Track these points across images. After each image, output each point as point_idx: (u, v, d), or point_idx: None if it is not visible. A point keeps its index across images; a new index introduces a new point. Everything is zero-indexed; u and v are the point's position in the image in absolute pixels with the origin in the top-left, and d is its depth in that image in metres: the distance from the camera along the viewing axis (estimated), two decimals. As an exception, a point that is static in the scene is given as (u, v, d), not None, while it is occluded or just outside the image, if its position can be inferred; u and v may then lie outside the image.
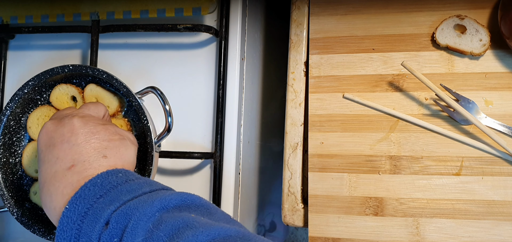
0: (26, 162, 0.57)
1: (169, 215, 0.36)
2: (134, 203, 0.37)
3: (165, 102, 0.52)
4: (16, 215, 0.53)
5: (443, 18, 0.57)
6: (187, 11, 0.57)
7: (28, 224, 0.53)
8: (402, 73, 0.58)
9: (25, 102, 0.56)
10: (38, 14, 0.61)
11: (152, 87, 0.53)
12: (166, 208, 0.37)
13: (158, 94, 0.53)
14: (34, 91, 0.56)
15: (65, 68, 0.54)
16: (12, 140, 0.57)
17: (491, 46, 0.55)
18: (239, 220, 0.62)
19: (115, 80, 0.53)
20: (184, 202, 0.38)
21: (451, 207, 0.55)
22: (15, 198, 0.55)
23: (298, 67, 0.62)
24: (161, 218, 0.36)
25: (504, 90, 0.55)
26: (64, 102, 0.56)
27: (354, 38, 0.59)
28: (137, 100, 0.52)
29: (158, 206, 0.36)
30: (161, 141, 0.53)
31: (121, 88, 0.53)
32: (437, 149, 0.56)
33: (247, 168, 0.66)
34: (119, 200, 0.37)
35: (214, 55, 0.61)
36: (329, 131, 0.59)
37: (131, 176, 0.41)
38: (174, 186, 0.60)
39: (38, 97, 0.57)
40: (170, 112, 0.52)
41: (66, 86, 0.56)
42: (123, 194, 0.38)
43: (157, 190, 0.40)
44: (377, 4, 0.59)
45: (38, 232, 0.53)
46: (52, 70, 0.54)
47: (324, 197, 0.58)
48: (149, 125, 0.52)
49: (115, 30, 0.59)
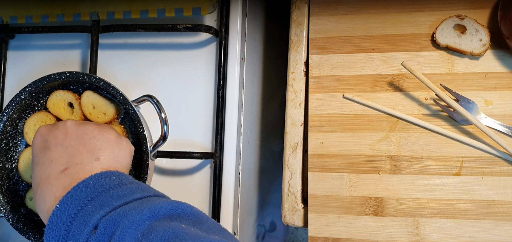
0: (23, 167, 0.57)
1: (160, 224, 0.36)
2: (123, 210, 0.37)
3: (161, 110, 0.52)
4: (11, 221, 0.53)
5: (443, 18, 0.57)
6: (187, 11, 0.57)
7: (23, 230, 0.53)
8: (402, 73, 0.58)
9: (22, 108, 0.56)
10: (38, 14, 0.61)
11: (149, 96, 0.53)
12: (156, 217, 0.36)
13: (154, 103, 0.53)
14: (31, 97, 0.56)
15: (62, 75, 0.54)
16: (9, 145, 0.57)
17: (491, 46, 0.55)
18: (239, 220, 0.62)
19: (111, 88, 0.53)
20: (175, 211, 0.38)
21: (451, 207, 0.55)
22: (10, 204, 0.55)
23: (298, 67, 0.62)
24: (151, 227, 0.35)
25: (504, 90, 0.55)
26: (61, 108, 0.56)
27: (354, 38, 0.59)
28: (133, 108, 0.52)
29: (147, 214, 0.36)
30: (157, 149, 0.53)
31: (118, 96, 0.53)
32: (437, 149, 0.56)
33: (247, 168, 0.66)
34: (109, 205, 0.37)
35: (214, 55, 0.61)
36: (329, 131, 0.59)
37: (125, 179, 0.41)
38: (174, 186, 0.60)
39: (35, 103, 0.57)
40: (166, 120, 0.52)
41: (63, 92, 0.56)
42: (114, 199, 0.38)
43: (149, 197, 0.40)
44: (377, 4, 0.59)
45: (33, 238, 0.53)
46: (49, 76, 0.54)
47: (324, 197, 0.58)
48: (145, 133, 0.52)
49: (115, 30, 0.59)
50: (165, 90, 0.61)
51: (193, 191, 0.60)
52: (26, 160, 0.57)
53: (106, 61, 0.63)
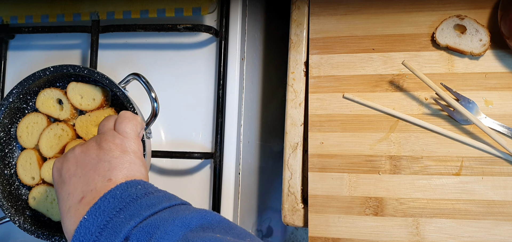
0: (21, 171, 0.57)
1: (194, 235, 0.36)
2: (154, 220, 0.36)
3: (150, 89, 0.51)
4: (18, 223, 0.53)
5: (443, 18, 0.57)
6: (187, 11, 0.57)
7: (31, 230, 0.53)
8: (402, 73, 0.58)
9: (12, 112, 0.56)
10: (38, 14, 0.61)
11: (135, 74, 0.52)
12: (189, 227, 0.36)
13: (142, 82, 0.52)
14: (20, 99, 0.56)
15: (47, 71, 0.54)
16: (4, 151, 0.57)
17: (491, 46, 0.55)
18: (239, 221, 0.62)
19: (96, 74, 0.53)
20: (205, 220, 0.38)
21: (451, 207, 0.55)
22: (15, 207, 0.55)
23: (298, 67, 0.62)
24: (185, 238, 0.35)
25: (504, 90, 0.55)
26: (51, 106, 0.56)
27: (354, 38, 0.59)
28: (121, 90, 0.52)
29: (179, 224, 0.36)
30: (150, 125, 0.52)
31: (103, 80, 0.53)
32: (437, 149, 0.56)
33: (247, 168, 0.66)
34: (139, 215, 0.37)
35: (214, 55, 0.61)
36: (329, 131, 0.59)
37: (150, 188, 0.41)
38: (174, 186, 0.60)
39: (24, 106, 0.57)
40: (156, 98, 0.51)
41: (50, 90, 0.56)
42: (143, 208, 0.38)
43: (176, 205, 0.40)
44: (377, 4, 0.59)
45: (42, 236, 0.53)
46: (34, 75, 0.54)
47: (324, 197, 0.58)
48: (137, 112, 0.52)
49: (115, 30, 0.59)
50: (165, 90, 0.61)
51: (193, 191, 0.60)
52: (23, 163, 0.57)
53: (106, 61, 0.63)
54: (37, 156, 0.57)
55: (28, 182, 0.57)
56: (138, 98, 0.58)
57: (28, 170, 0.57)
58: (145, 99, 0.56)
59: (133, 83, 0.54)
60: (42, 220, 0.56)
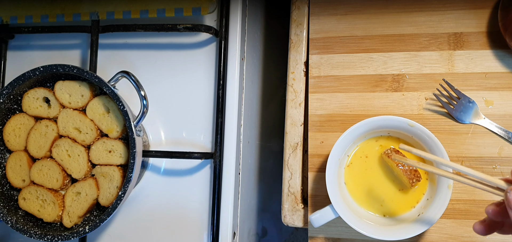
0: (11, 174, 0.56)
1: None
2: None
3: (138, 86, 0.51)
4: (10, 223, 0.53)
5: (443, 18, 0.57)
6: (187, 11, 0.57)
7: (24, 230, 0.53)
8: (402, 73, 0.58)
9: (3, 113, 0.56)
10: (38, 14, 0.61)
11: (124, 72, 0.52)
12: None
13: (131, 79, 0.52)
14: (10, 100, 0.55)
15: (36, 71, 0.53)
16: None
17: (491, 46, 0.55)
18: (239, 221, 0.62)
19: (86, 73, 0.53)
20: None
21: (451, 207, 0.55)
22: (7, 208, 0.55)
23: (298, 67, 0.62)
24: None
25: (504, 90, 0.55)
26: (37, 106, 0.56)
27: (354, 38, 0.59)
28: (110, 88, 0.52)
29: None
30: (140, 123, 0.52)
31: (93, 79, 0.53)
32: (437, 149, 0.56)
33: (247, 168, 0.66)
34: None
35: (214, 55, 0.61)
36: (329, 131, 0.59)
37: None
38: (174, 186, 0.60)
39: (15, 107, 0.57)
40: (145, 96, 0.51)
41: (34, 90, 0.56)
42: None
43: None
44: (377, 4, 0.59)
45: (35, 235, 0.53)
46: (24, 75, 0.53)
47: (324, 197, 0.58)
48: (126, 109, 0.52)
49: (115, 30, 0.59)
50: (165, 90, 0.61)
51: (193, 191, 0.60)
52: (13, 166, 0.56)
53: (106, 61, 0.63)
54: (27, 158, 0.56)
55: (18, 185, 0.56)
56: (129, 96, 0.58)
57: (18, 172, 0.56)
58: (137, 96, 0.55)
59: (124, 81, 0.54)
60: (34, 220, 0.56)
